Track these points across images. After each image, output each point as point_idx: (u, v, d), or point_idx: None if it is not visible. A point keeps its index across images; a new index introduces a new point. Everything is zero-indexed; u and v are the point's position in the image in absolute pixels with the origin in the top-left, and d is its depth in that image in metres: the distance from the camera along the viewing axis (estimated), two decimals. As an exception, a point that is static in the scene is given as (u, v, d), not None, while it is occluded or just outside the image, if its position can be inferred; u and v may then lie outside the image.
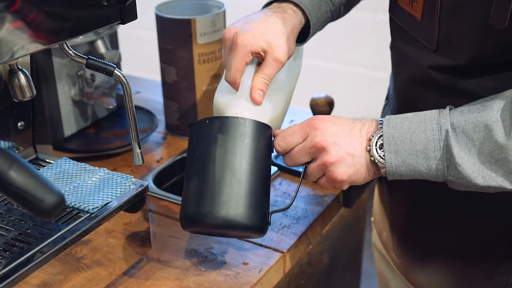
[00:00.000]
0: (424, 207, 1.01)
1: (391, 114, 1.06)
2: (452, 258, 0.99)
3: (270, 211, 0.93)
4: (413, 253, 1.06)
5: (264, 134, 0.91)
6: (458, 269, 0.99)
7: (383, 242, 1.16)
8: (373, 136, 0.86)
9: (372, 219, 1.23)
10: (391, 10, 0.99)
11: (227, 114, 0.95)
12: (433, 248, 1.02)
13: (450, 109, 0.84)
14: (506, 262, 0.93)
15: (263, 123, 0.91)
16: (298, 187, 0.94)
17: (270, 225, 0.93)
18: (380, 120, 0.87)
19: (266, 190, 0.92)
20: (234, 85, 0.96)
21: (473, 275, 0.97)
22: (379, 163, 0.86)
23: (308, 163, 0.91)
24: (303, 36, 1.03)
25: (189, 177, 0.92)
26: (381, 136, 0.85)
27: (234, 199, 0.88)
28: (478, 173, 0.81)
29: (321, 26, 1.06)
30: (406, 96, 0.98)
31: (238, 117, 0.90)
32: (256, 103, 0.95)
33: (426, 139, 0.83)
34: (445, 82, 0.89)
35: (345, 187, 0.90)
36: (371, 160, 0.86)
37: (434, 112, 0.84)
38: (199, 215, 0.89)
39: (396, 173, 0.85)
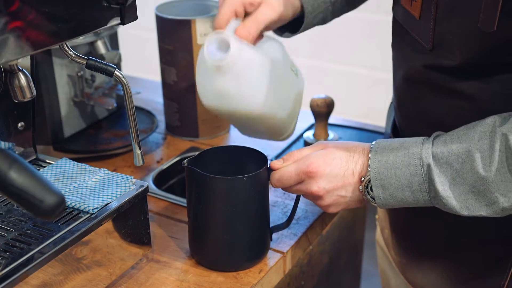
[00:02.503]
0: (422, 206, 1.01)
1: (394, 112, 1.06)
2: (448, 259, 0.99)
3: (270, 229, 0.99)
4: (410, 252, 1.06)
5: (264, 177, 0.94)
6: (453, 270, 0.99)
7: (384, 240, 1.17)
8: (364, 177, 0.89)
9: (377, 216, 1.24)
10: (394, 8, 1.00)
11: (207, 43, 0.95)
12: (429, 248, 1.02)
13: (434, 138, 0.85)
14: (500, 265, 0.93)
15: (263, 171, 0.93)
16: (296, 208, 0.99)
17: (272, 240, 1.00)
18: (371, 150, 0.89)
19: (267, 219, 0.98)
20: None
21: (467, 276, 0.97)
22: (370, 200, 0.90)
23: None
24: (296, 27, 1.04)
25: (193, 221, 0.97)
26: (369, 178, 0.88)
27: (242, 245, 0.95)
28: (463, 204, 0.83)
29: (319, 17, 1.06)
30: (403, 94, 0.99)
31: (240, 177, 0.91)
32: (240, 36, 0.95)
33: (409, 173, 0.85)
34: (440, 82, 0.90)
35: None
36: (363, 197, 0.91)
37: (418, 144, 0.85)
38: (208, 262, 0.97)
39: (386, 205, 0.89)
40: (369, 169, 0.88)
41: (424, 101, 0.93)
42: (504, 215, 0.83)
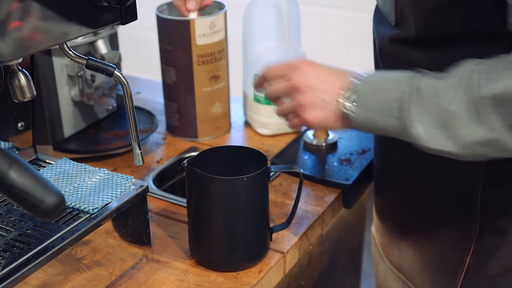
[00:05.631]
0: (399, 186, 1.05)
1: None
2: (421, 238, 1.03)
3: (270, 229, 0.99)
4: (390, 232, 1.10)
5: (264, 177, 0.94)
6: (425, 248, 1.03)
7: (375, 226, 1.20)
8: (347, 88, 0.89)
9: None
10: None
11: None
12: (406, 227, 1.06)
13: (422, 74, 0.87)
14: (461, 242, 0.96)
15: (263, 171, 0.93)
16: (296, 208, 1.00)
17: (271, 240, 1.00)
18: (359, 74, 0.90)
19: (267, 219, 0.98)
20: None
21: (434, 253, 1.01)
22: (347, 113, 0.89)
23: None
24: None
25: (193, 221, 0.97)
26: (355, 89, 0.88)
27: (241, 245, 0.95)
28: (430, 137, 0.83)
29: None
30: (377, 69, 1.04)
31: (240, 177, 0.91)
32: None
33: (390, 98, 0.85)
34: (403, 55, 0.93)
35: (314, 127, 0.98)
36: (341, 110, 0.90)
37: (406, 74, 0.86)
38: (208, 262, 0.97)
39: (359, 123, 0.88)
40: (354, 83, 0.88)
41: None
42: (474, 154, 0.82)
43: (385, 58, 1.00)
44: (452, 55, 0.86)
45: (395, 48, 0.95)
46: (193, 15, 1.24)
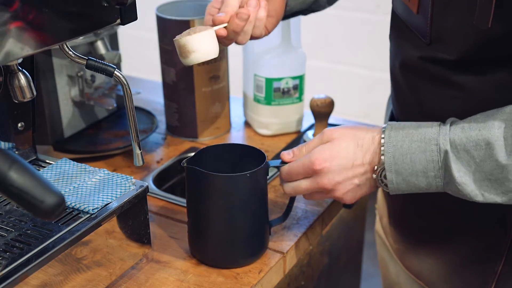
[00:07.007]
0: (417, 194, 1.02)
1: (392, 105, 1.07)
2: (443, 245, 1.01)
3: (269, 223, 1.00)
4: (407, 240, 1.08)
5: (264, 173, 0.95)
6: (448, 256, 1.00)
7: (383, 228, 1.18)
8: (377, 166, 0.89)
9: (376, 205, 1.24)
10: (394, 1, 1.02)
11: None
12: (425, 235, 1.04)
13: (451, 124, 0.85)
14: (493, 250, 0.94)
15: (264, 166, 0.93)
16: (293, 200, 1.00)
17: (270, 234, 1.01)
18: (382, 137, 0.88)
19: (267, 214, 0.98)
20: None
21: (462, 262, 0.99)
22: (383, 187, 0.90)
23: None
24: None
25: (194, 220, 0.97)
26: (384, 166, 0.88)
27: (242, 241, 0.96)
28: (479, 191, 0.83)
29: (300, 7, 1.11)
30: (400, 83, 1.00)
31: (243, 173, 0.91)
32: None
33: (425, 159, 0.85)
34: (435, 73, 0.91)
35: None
36: (377, 184, 0.90)
37: (434, 130, 0.85)
38: (209, 259, 0.97)
39: (398, 189, 0.89)
40: (382, 157, 0.87)
41: (420, 90, 0.95)
42: None
43: (409, 73, 0.97)
44: (492, 78, 0.85)
45: (425, 66, 0.92)
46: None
